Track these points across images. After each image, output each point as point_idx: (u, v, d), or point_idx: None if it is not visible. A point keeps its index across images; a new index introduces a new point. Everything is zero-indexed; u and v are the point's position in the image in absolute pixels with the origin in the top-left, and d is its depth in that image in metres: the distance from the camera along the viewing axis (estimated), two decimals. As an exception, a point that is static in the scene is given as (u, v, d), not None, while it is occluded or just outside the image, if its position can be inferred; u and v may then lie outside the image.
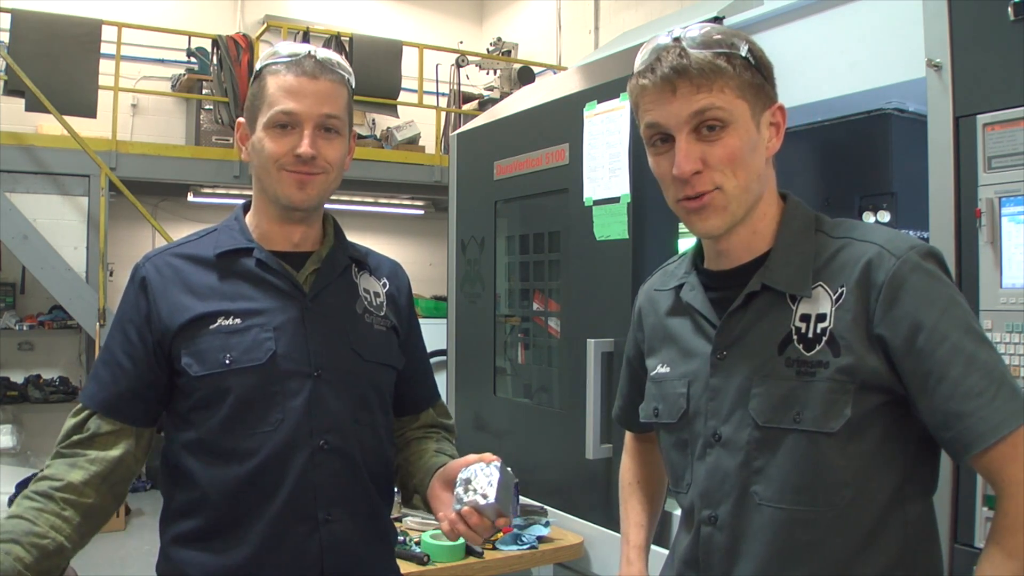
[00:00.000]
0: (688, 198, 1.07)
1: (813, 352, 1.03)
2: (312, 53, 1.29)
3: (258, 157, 1.30)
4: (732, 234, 1.10)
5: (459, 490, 1.23)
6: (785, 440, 1.04)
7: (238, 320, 1.28)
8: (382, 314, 1.41)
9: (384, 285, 1.44)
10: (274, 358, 1.27)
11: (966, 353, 0.97)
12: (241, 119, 1.35)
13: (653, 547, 2.14)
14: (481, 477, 1.23)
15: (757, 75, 1.07)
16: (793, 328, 1.05)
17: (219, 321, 1.28)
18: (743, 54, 1.06)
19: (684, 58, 1.03)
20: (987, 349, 0.99)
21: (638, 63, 1.08)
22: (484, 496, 1.21)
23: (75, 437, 1.29)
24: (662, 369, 1.21)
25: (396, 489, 1.47)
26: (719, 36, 1.05)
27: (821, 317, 1.04)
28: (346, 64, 1.34)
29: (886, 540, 1.03)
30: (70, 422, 1.32)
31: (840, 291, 1.03)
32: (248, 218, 1.38)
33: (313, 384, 1.29)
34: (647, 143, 1.11)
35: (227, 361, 1.26)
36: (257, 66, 1.33)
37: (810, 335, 1.04)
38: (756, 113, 1.07)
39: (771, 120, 1.10)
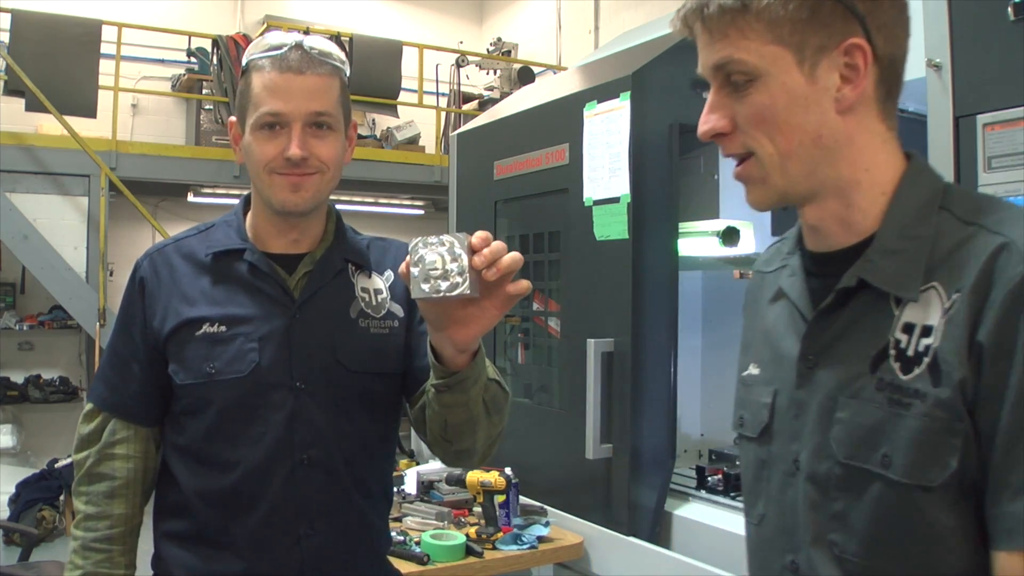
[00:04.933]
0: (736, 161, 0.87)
1: (910, 376, 0.79)
2: (299, 43, 1.23)
3: (249, 160, 1.26)
4: (816, 206, 0.87)
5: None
6: (871, 486, 0.80)
7: (223, 327, 1.26)
8: (381, 315, 1.34)
9: (388, 279, 1.37)
10: (257, 370, 1.24)
11: None
12: (232, 118, 1.30)
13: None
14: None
15: (810, 4, 0.80)
16: (892, 339, 0.81)
17: (204, 327, 1.26)
18: None
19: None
20: None
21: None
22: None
23: (95, 450, 1.32)
24: (753, 370, 1.00)
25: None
26: None
27: (926, 331, 0.79)
28: (338, 52, 1.27)
29: None
30: (85, 428, 1.34)
31: (954, 299, 0.78)
32: (247, 216, 1.35)
33: (295, 397, 1.25)
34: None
35: (210, 371, 1.24)
36: (244, 59, 1.26)
37: (910, 352, 0.80)
38: (809, 56, 0.81)
39: (843, 61, 0.81)
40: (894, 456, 0.79)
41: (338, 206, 1.42)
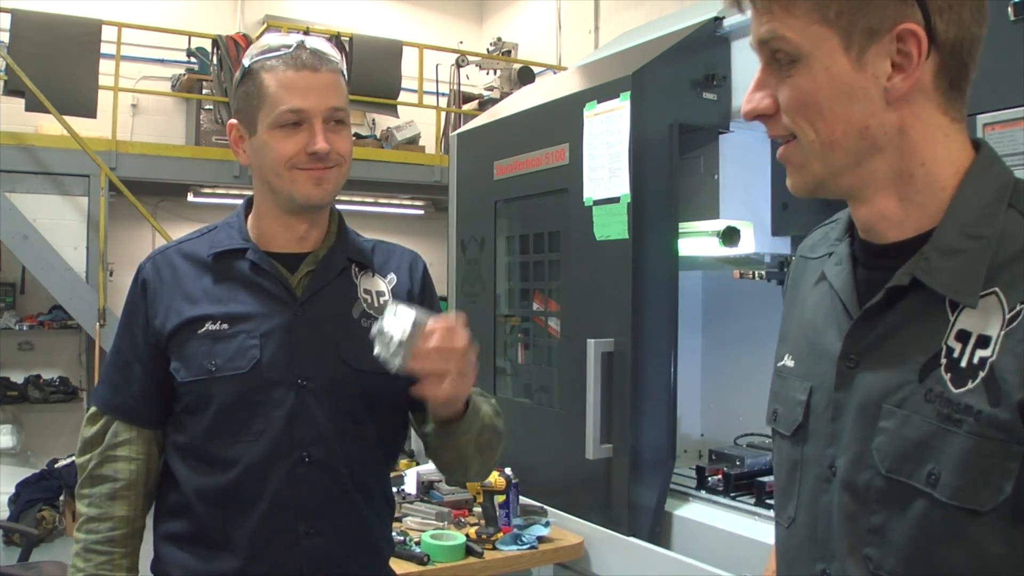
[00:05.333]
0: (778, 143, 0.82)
1: (963, 389, 0.73)
2: (302, 43, 1.26)
3: (264, 159, 1.26)
4: (866, 205, 0.81)
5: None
6: (915, 502, 0.75)
7: (225, 325, 1.26)
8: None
9: (391, 281, 1.38)
10: (258, 367, 1.25)
11: None
12: (233, 121, 1.30)
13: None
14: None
15: None
16: (944, 347, 0.75)
17: (206, 325, 1.26)
18: None
19: None
20: None
21: None
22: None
23: (97, 452, 1.32)
24: (788, 361, 0.94)
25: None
26: None
27: (983, 341, 0.72)
28: (337, 52, 1.31)
29: None
30: (88, 431, 1.34)
31: (1018, 310, 0.71)
32: (249, 218, 1.35)
33: (297, 394, 1.25)
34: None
35: (211, 368, 1.25)
36: (246, 62, 1.27)
37: (963, 363, 0.73)
38: (857, 40, 0.75)
39: (895, 48, 0.75)
40: (942, 474, 0.73)
41: (338, 206, 1.42)
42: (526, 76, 7.16)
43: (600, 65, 2.64)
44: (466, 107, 7.51)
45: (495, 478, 2.26)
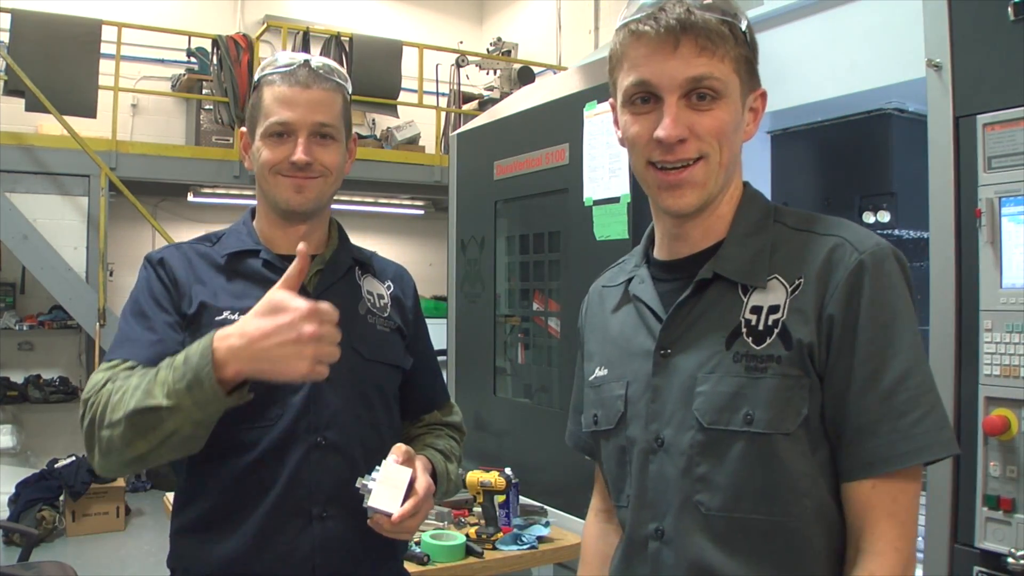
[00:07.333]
0: (665, 168, 0.98)
1: (763, 346, 0.95)
2: (307, 61, 1.33)
3: (257, 164, 1.34)
4: (697, 216, 1.02)
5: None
6: (735, 444, 0.94)
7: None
8: (385, 315, 1.44)
9: (388, 288, 1.47)
10: None
11: (903, 368, 0.91)
12: (243, 128, 1.39)
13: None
14: (378, 476, 1.24)
15: (751, 52, 1.00)
16: (743, 320, 0.97)
17: (225, 315, 1.29)
18: (743, 28, 0.99)
19: (691, 14, 0.94)
20: (925, 370, 0.93)
21: (630, 12, 0.99)
22: (365, 498, 1.22)
23: (110, 374, 1.18)
24: (600, 372, 1.12)
25: None
26: (719, 2, 0.97)
27: (773, 309, 0.96)
28: (342, 70, 1.38)
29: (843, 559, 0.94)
30: (98, 374, 1.20)
31: (797, 283, 0.96)
32: (255, 223, 1.42)
33: (313, 381, 1.28)
34: (624, 101, 1.02)
35: None
36: (256, 76, 1.37)
37: (760, 327, 0.96)
38: (744, 92, 1.00)
39: (752, 105, 1.03)
40: (756, 412, 0.93)
41: (338, 206, 1.45)
42: (526, 76, 7.17)
43: (600, 65, 2.64)
44: (466, 107, 7.52)
45: (495, 478, 2.26)
